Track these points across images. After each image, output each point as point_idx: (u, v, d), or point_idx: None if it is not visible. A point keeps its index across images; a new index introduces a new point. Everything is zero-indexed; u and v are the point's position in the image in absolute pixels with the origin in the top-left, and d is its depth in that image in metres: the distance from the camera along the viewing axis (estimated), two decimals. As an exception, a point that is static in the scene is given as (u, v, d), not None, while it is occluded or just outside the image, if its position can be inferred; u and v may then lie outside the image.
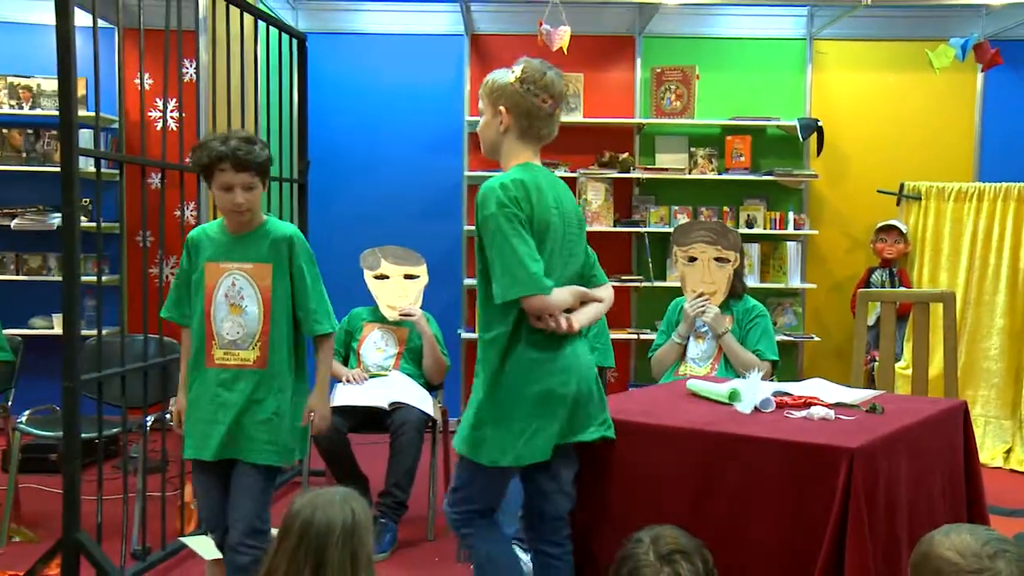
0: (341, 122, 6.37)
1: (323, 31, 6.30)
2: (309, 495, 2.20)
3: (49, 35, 6.11)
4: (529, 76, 2.73)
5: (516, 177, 2.65)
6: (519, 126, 2.74)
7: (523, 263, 2.57)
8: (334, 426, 4.26)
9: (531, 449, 2.64)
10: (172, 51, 3.86)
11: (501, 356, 2.66)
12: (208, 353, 3.05)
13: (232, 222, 3.07)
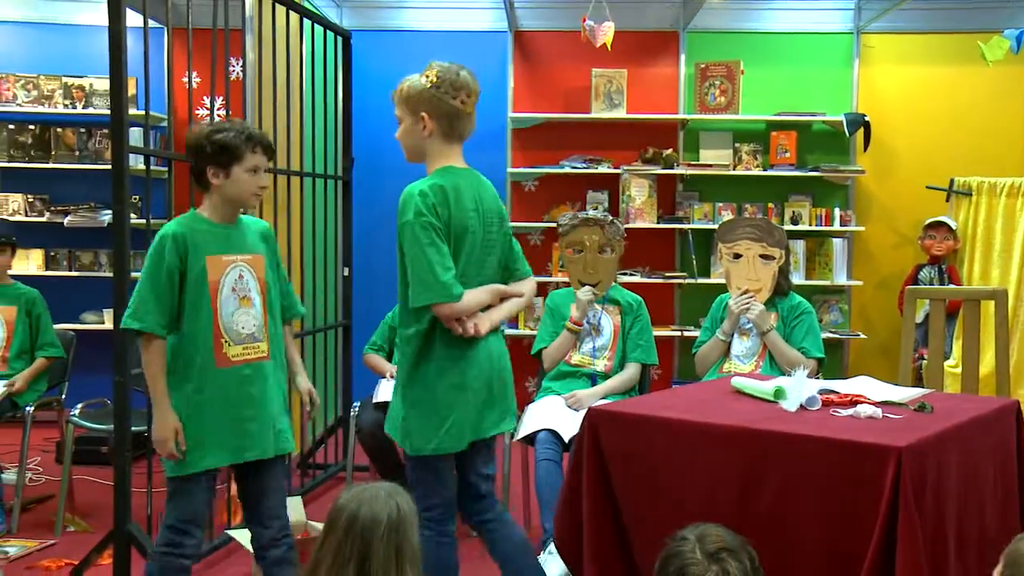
0: (385, 119, 6.36)
1: (367, 28, 6.34)
2: (355, 490, 2.21)
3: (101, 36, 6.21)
4: (444, 78, 2.82)
5: (436, 183, 2.77)
6: (441, 129, 2.84)
7: (434, 271, 2.69)
8: (378, 422, 4.29)
9: (451, 439, 2.80)
10: (220, 50, 3.90)
11: (417, 352, 2.79)
12: (219, 353, 2.83)
13: (227, 212, 2.90)
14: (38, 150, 6.27)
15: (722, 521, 2.29)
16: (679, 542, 2.13)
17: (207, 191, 2.88)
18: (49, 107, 6.22)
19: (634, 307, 4.35)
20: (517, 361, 6.18)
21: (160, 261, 2.76)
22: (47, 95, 6.23)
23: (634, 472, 2.84)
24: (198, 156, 2.83)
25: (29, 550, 3.99)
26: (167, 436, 2.75)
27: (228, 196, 2.86)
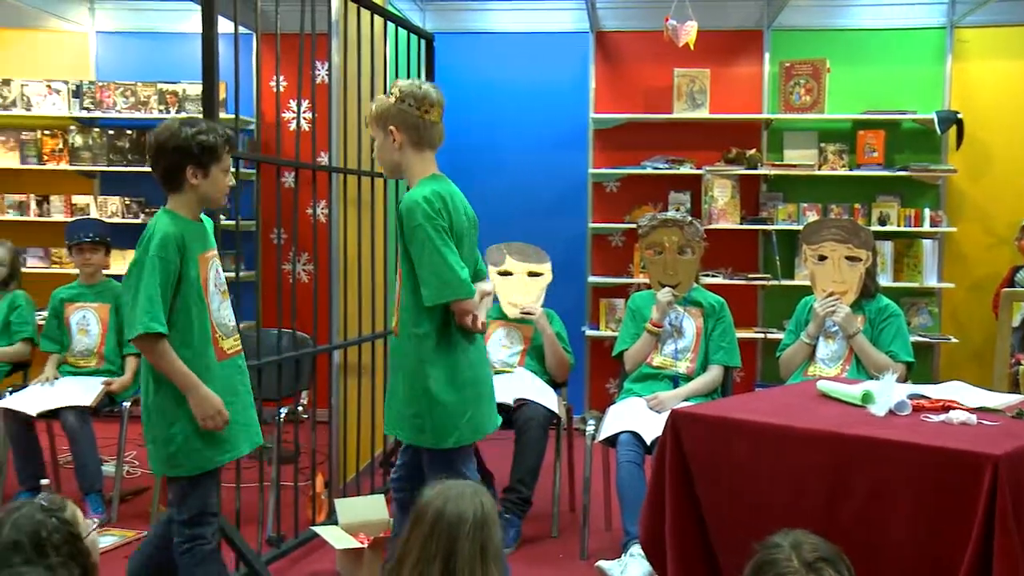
0: (467, 120, 6.43)
1: (450, 31, 6.38)
2: (440, 487, 2.22)
3: (194, 43, 6.39)
4: (407, 93, 2.98)
5: (434, 189, 2.95)
6: (411, 139, 3.01)
7: (453, 270, 2.89)
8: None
9: (471, 431, 3.00)
10: (306, 54, 3.97)
11: (433, 349, 2.96)
12: (217, 348, 2.89)
13: (198, 210, 2.95)
14: (135, 154, 6.45)
15: (808, 526, 2.24)
16: (773, 549, 2.09)
17: (176, 191, 2.88)
18: (145, 113, 6.40)
19: (716, 309, 4.30)
20: (598, 362, 6.24)
21: (166, 263, 2.78)
22: (143, 101, 6.41)
23: (717, 475, 2.80)
24: (181, 156, 2.84)
25: (127, 539, 4.11)
26: (216, 409, 2.82)
27: (203, 195, 2.90)
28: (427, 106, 2.99)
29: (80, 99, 6.46)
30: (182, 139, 2.82)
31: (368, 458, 4.73)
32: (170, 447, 2.84)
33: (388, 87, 4.81)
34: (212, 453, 2.87)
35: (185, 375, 2.80)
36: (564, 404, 4.58)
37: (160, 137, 2.86)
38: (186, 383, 2.81)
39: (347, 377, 4.45)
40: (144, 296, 2.74)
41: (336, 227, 4.31)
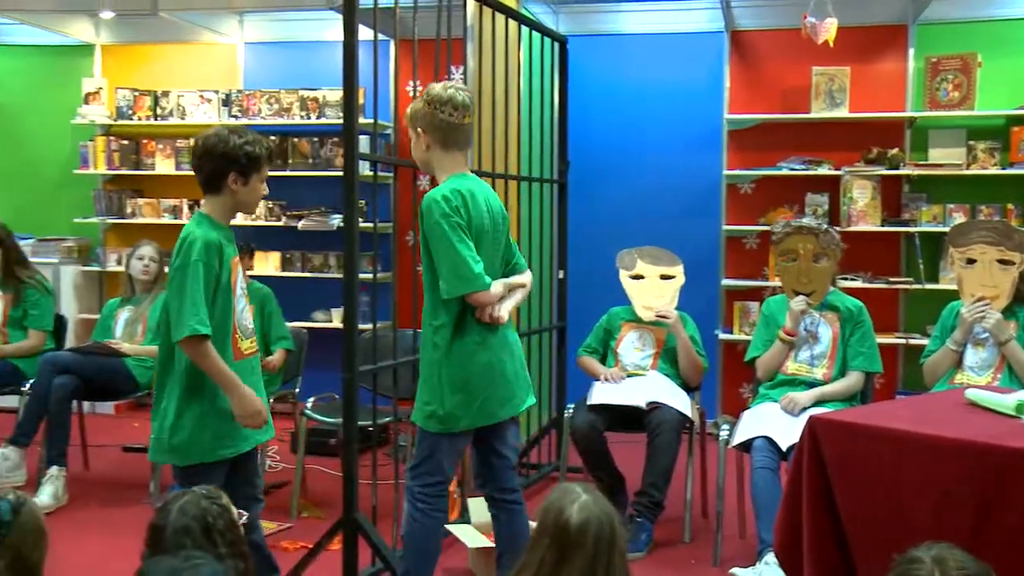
0: (600, 122, 6.41)
1: (583, 33, 6.36)
2: (562, 490, 2.21)
3: (333, 51, 6.55)
4: (434, 97, 3.11)
5: (454, 187, 3.06)
6: (437, 140, 3.13)
7: (468, 264, 3.00)
8: (592, 424, 4.30)
9: (483, 415, 3.12)
10: (443, 58, 4.02)
11: (449, 340, 3.09)
12: (236, 348, 3.00)
13: (230, 216, 3.07)
14: (277, 158, 6.68)
15: (954, 541, 2.14)
16: (914, 564, 2.00)
17: (215, 194, 3.00)
18: (287, 119, 6.62)
19: (854, 313, 4.16)
20: (732, 366, 6.11)
21: (209, 268, 2.89)
22: (286, 108, 6.63)
23: (857, 484, 2.70)
24: (227, 162, 2.95)
25: (270, 532, 4.24)
26: (256, 408, 2.96)
27: (240, 202, 3.04)
28: (451, 109, 3.10)
29: (229, 107, 6.73)
30: (230, 147, 2.95)
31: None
32: (175, 438, 2.94)
33: (522, 90, 4.85)
34: (216, 446, 2.98)
35: (227, 375, 2.92)
36: (697, 408, 4.51)
37: (208, 142, 2.98)
38: (228, 383, 2.92)
39: (480, 377, 4.48)
40: (189, 300, 2.86)
41: (470, 229, 4.35)
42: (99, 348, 4.92)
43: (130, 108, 6.88)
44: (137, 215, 6.90)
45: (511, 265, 3.31)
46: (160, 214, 6.89)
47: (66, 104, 7.03)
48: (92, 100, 6.96)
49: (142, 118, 6.87)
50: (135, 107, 6.88)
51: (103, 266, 6.99)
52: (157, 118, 6.86)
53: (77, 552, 3.84)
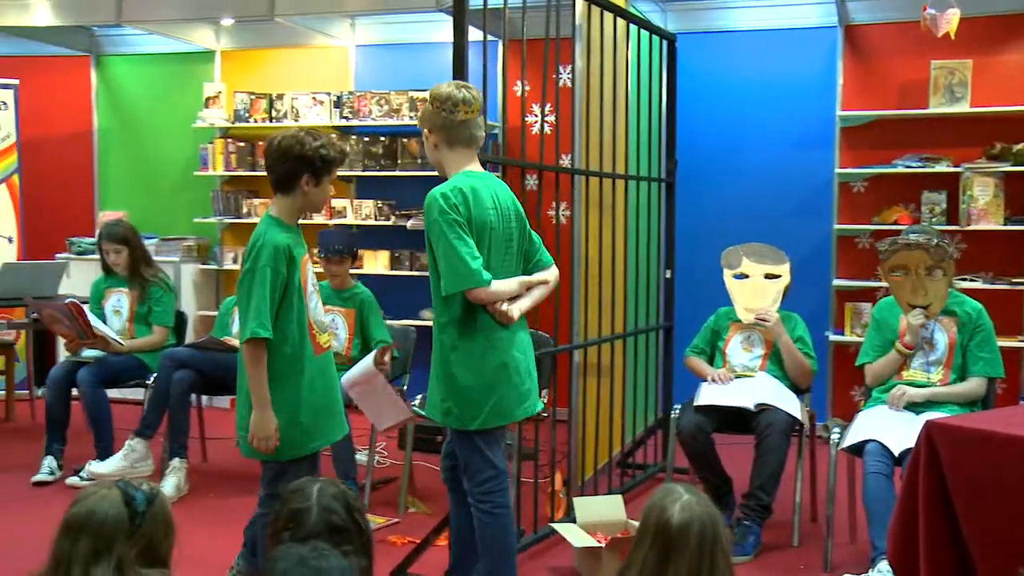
0: (708, 120, 6.33)
1: (692, 31, 6.29)
2: (665, 490, 2.20)
3: (442, 52, 6.61)
4: (435, 96, 3.14)
5: (455, 185, 3.06)
6: (442, 138, 3.15)
7: (464, 260, 3.00)
8: (699, 425, 4.25)
9: (496, 415, 3.09)
10: (551, 58, 4.03)
11: (455, 338, 3.09)
12: (314, 343, 3.11)
13: (297, 216, 3.17)
14: (387, 159, 6.80)
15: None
16: None
17: (287, 194, 3.10)
18: (397, 119, 6.73)
19: (973, 317, 4.01)
20: (843, 369, 5.96)
21: (276, 273, 2.99)
22: (395, 108, 6.74)
23: (979, 492, 2.61)
24: (302, 164, 3.05)
25: (378, 526, 4.32)
26: (271, 433, 3.02)
27: (309, 202, 3.15)
28: (451, 106, 3.11)
29: (340, 109, 6.88)
30: (306, 149, 3.05)
31: (606, 458, 4.74)
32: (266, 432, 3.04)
33: (630, 89, 4.83)
34: (306, 440, 3.09)
35: (263, 386, 3.01)
36: (807, 410, 4.41)
37: (284, 144, 3.07)
38: (260, 396, 3.02)
39: (586, 377, 4.48)
40: (255, 303, 2.98)
41: (577, 228, 4.35)
42: (215, 344, 5.09)
43: (247, 111, 7.09)
44: (252, 215, 7.11)
45: (534, 262, 3.29)
46: (275, 214, 7.07)
47: (188, 109, 7.29)
48: (212, 104, 7.20)
49: (258, 120, 7.08)
50: (251, 110, 7.09)
51: (220, 264, 7.23)
52: (272, 120, 7.06)
53: (197, 542, 3.97)
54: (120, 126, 7.75)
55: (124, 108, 7.75)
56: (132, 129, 7.70)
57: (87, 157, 7.77)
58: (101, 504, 2.07)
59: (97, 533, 2.04)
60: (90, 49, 7.70)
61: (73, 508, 2.08)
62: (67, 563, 2.02)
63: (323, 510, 2.11)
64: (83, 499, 2.09)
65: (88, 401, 5.01)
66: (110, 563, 2.03)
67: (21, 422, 6.35)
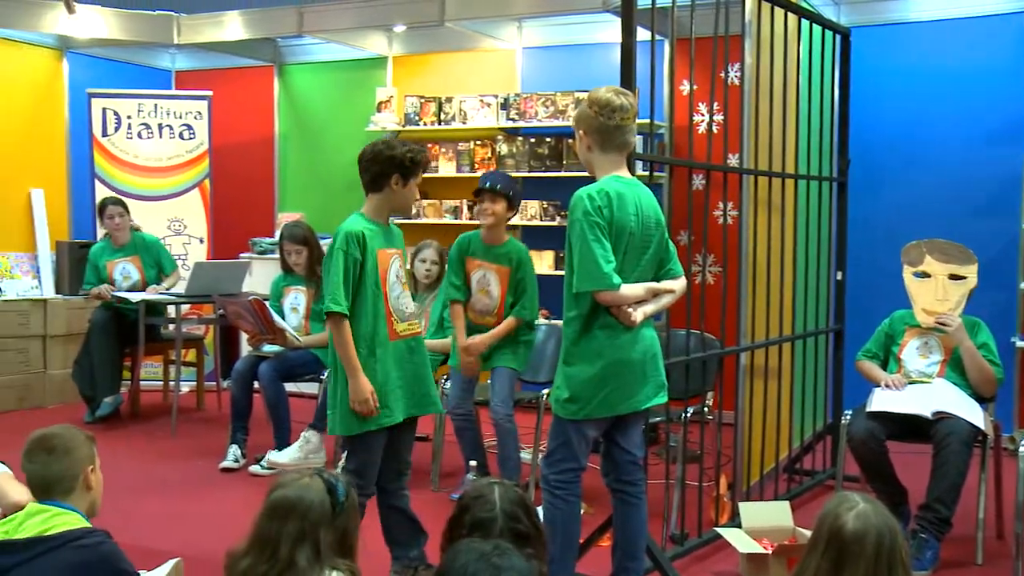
0: (883, 116, 6.06)
1: (867, 24, 6.03)
2: (840, 498, 2.12)
3: (608, 52, 6.59)
4: (594, 100, 3.18)
5: (601, 188, 3.14)
6: (597, 142, 3.21)
7: (597, 263, 3.07)
8: (870, 432, 4.06)
9: (603, 407, 3.18)
10: (719, 56, 3.95)
11: (578, 332, 3.18)
12: (390, 328, 3.41)
13: (386, 215, 3.50)
14: (552, 160, 6.82)
15: None
16: None
17: (377, 192, 3.45)
18: (563, 120, 6.74)
19: None
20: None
21: (348, 256, 3.33)
22: (561, 109, 6.75)
23: None
24: (393, 165, 3.40)
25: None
26: (366, 396, 3.31)
27: (397, 202, 3.48)
28: (609, 112, 3.16)
29: (507, 110, 6.95)
30: (397, 153, 3.41)
31: (773, 463, 4.61)
32: (341, 408, 3.37)
33: (800, 85, 4.67)
34: (371, 417, 3.35)
35: (350, 358, 3.33)
36: (992, 420, 4.15)
37: (377, 148, 3.45)
38: (351, 363, 3.33)
39: (753, 379, 4.37)
40: (331, 282, 3.34)
41: (745, 228, 4.25)
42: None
43: (417, 114, 7.27)
44: (421, 216, 7.27)
45: (665, 269, 3.33)
46: (442, 215, 7.22)
47: (361, 113, 7.54)
48: (384, 108, 7.42)
49: (427, 123, 7.24)
50: (421, 113, 7.26)
51: (391, 263, 7.42)
52: (441, 123, 7.20)
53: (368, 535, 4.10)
54: (298, 131, 8.10)
55: (302, 114, 8.10)
56: (309, 134, 8.03)
57: (269, 162, 8.17)
58: (308, 490, 2.17)
59: (303, 517, 2.14)
60: (274, 59, 8.09)
61: (278, 492, 2.18)
62: (275, 542, 2.13)
63: (508, 518, 2.12)
64: (288, 484, 2.20)
65: (268, 394, 5.25)
66: (312, 547, 2.12)
67: (210, 411, 6.73)
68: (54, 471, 2.52)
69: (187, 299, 6.36)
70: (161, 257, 6.55)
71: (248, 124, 8.21)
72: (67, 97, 7.68)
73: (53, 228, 7.43)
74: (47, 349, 6.82)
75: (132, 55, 8.14)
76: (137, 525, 4.29)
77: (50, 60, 7.63)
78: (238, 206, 8.05)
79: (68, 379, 6.52)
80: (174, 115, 7.49)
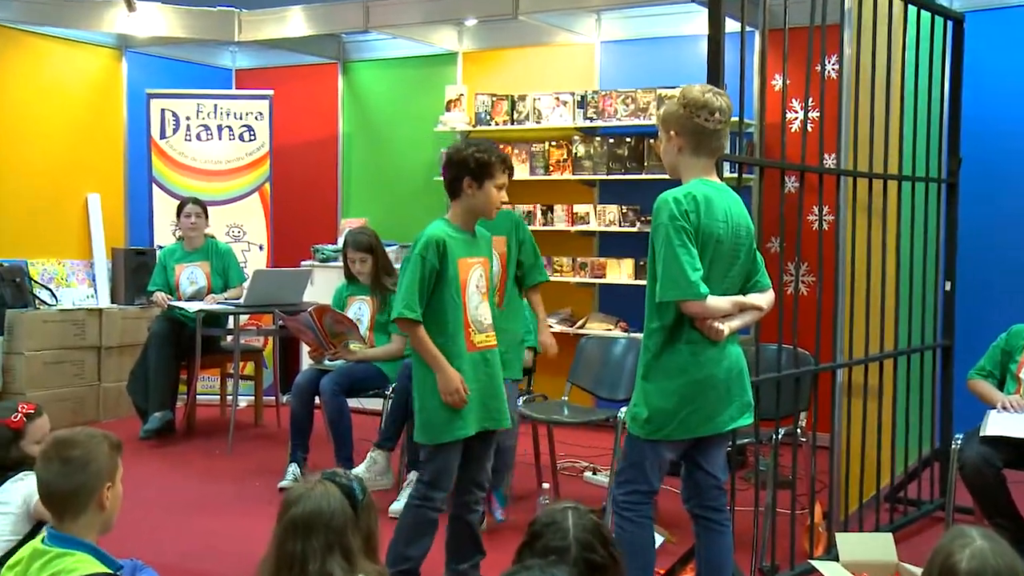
0: (999, 111, 5.92)
1: (983, 8, 5.90)
2: (955, 533, 2.07)
3: (693, 45, 6.56)
4: (690, 100, 3.14)
5: (689, 192, 3.12)
6: (689, 145, 3.19)
7: (684, 270, 3.05)
8: (985, 458, 3.97)
9: (683, 428, 3.16)
10: (815, 48, 3.90)
11: (660, 345, 3.17)
12: (468, 340, 3.54)
13: (470, 220, 3.61)
14: (632, 161, 6.79)
15: None
16: None
17: (456, 198, 3.58)
18: (644, 119, 6.71)
19: None
20: None
21: (426, 262, 3.45)
22: (642, 108, 6.72)
23: None
24: (461, 168, 3.53)
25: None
26: (456, 385, 3.46)
27: (476, 206, 3.57)
28: (707, 114, 3.14)
29: (584, 109, 6.95)
30: (463, 155, 3.54)
31: (873, 490, 4.52)
32: (421, 416, 3.55)
33: (906, 78, 4.58)
34: (449, 428, 3.50)
35: (434, 355, 3.48)
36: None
37: (449, 151, 3.63)
38: (434, 363, 3.48)
39: (851, 399, 4.29)
40: (405, 287, 3.47)
41: (843, 235, 4.18)
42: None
43: (488, 113, 7.31)
44: (493, 221, 7.30)
45: (752, 282, 3.32)
46: (515, 220, 7.25)
47: (429, 112, 7.62)
48: (453, 107, 7.48)
49: (499, 123, 7.28)
50: (493, 112, 7.30)
51: (460, 272, 7.46)
52: (513, 122, 7.23)
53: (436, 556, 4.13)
54: (363, 132, 8.22)
55: (367, 114, 8.21)
56: (374, 135, 8.15)
57: (332, 164, 8.30)
58: (325, 499, 2.22)
59: (328, 527, 2.20)
60: (338, 56, 8.23)
61: (296, 509, 2.23)
62: (302, 560, 2.17)
63: (582, 547, 2.12)
64: (303, 498, 2.24)
65: (329, 409, 5.31)
66: (343, 555, 2.18)
67: (268, 427, 6.86)
68: (67, 485, 2.45)
69: (246, 309, 6.47)
70: (230, 267, 6.69)
71: (311, 125, 8.35)
72: (125, 98, 7.92)
73: (109, 234, 7.67)
74: (102, 360, 7.00)
75: (191, 53, 8.35)
76: (189, 547, 4.38)
77: (109, 60, 7.89)
78: (300, 211, 8.20)
79: (123, 392, 6.69)
80: (234, 116, 7.66)
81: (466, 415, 3.52)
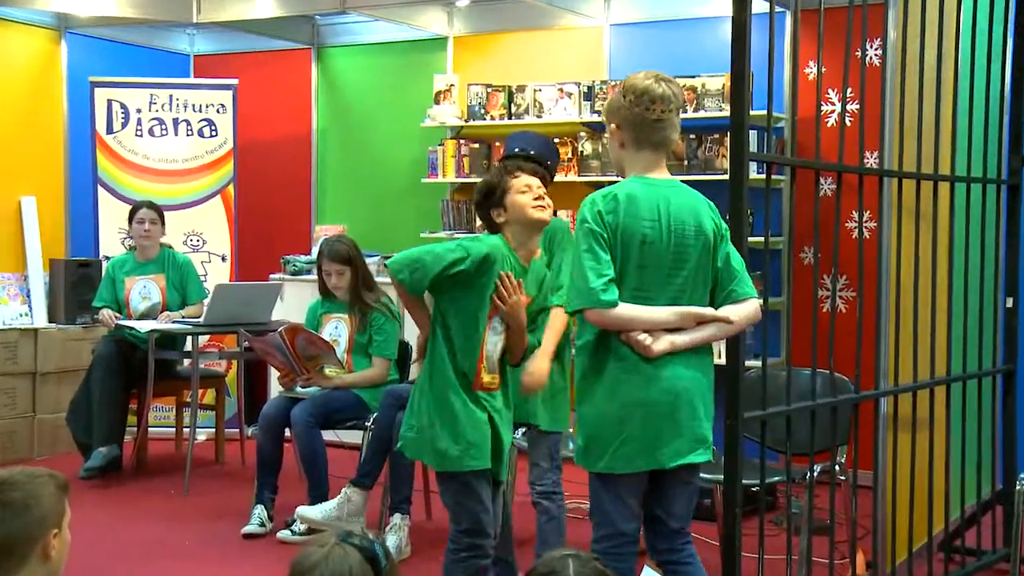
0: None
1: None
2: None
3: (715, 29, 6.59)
4: (629, 88, 3.24)
5: (611, 191, 3.20)
6: (630, 137, 3.26)
7: (586, 277, 3.11)
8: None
9: (622, 460, 3.18)
10: (855, 32, 3.93)
11: (587, 364, 3.24)
12: (478, 376, 3.57)
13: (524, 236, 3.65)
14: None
15: None
16: None
17: (497, 231, 3.65)
18: (659, 113, 6.74)
19: None
20: None
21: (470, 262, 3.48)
22: (660, 99, 6.75)
23: None
24: (480, 207, 3.68)
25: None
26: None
27: (515, 223, 3.61)
28: (647, 102, 3.19)
29: (591, 102, 6.98)
30: (476, 197, 3.71)
31: (924, 537, 4.53)
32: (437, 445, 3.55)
33: (960, 66, 4.62)
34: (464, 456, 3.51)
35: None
36: None
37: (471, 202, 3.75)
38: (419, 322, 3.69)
39: (898, 432, 4.31)
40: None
41: (887, 244, 4.21)
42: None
43: (482, 107, 7.34)
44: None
45: (726, 292, 3.30)
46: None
47: (415, 105, 7.64)
48: (443, 99, 7.50)
49: (494, 117, 7.31)
50: (488, 105, 7.33)
51: (451, 287, 7.47)
52: (511, 117, 7.26)
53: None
54: (340, 128, 8.24)
55: (345, 106, 8.24)
56: (353, 130, 8.17)
57: (305, 163, 8.32)
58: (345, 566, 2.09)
59: None
60: (311, 40, 8.26)
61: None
62: None
63: None
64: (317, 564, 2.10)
65: (301, 443, 5.32)
66: None
67: (231, 464, 6.86)
68: (6, 533, 2.38)
69: (206, 329, 6.46)
70: (188, 281, 6.69)
71: (280, 119, 8.38)
72: (65, 87, 7.88)
73: (47, 243, 7.61)
74: (37, 388, 6.98)
75: (143, 36, 8.35)
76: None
77: (45, 42, 7.83)
78: (268, 217, 8.21)
79: (61, 424, 6.64)
80: (193, 108, 7.68)
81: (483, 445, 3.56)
